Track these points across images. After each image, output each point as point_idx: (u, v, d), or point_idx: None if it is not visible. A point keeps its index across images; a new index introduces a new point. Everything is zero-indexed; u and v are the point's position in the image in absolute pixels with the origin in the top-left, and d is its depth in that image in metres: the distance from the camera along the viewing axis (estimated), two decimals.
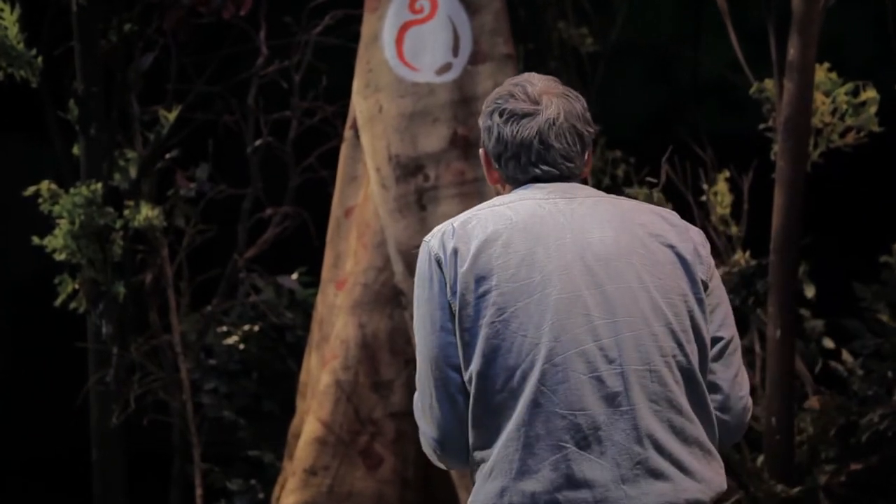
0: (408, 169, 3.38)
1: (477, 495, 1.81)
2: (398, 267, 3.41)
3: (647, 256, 1.81)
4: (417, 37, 3.39)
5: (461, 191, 3.39)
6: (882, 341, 3.76)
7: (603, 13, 4.94)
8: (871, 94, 3.46)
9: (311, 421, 3.44)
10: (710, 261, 1.87)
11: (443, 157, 3.39)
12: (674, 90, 5.32)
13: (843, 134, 3.55)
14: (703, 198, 3.93)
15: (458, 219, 1.84)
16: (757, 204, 3.89)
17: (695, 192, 3.92)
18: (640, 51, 5.21)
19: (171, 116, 3.64)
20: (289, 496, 3.46)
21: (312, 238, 3.74)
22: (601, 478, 1.76)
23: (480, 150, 1.90)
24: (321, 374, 3.42)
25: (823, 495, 3.36)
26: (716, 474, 1.83)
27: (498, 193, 1.91)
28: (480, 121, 1.89)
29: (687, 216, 3.64)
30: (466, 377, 1.81)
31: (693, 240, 1.86)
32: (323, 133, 3.92)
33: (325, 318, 3.50)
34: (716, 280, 1.87)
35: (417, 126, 3.38)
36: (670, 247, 1.83)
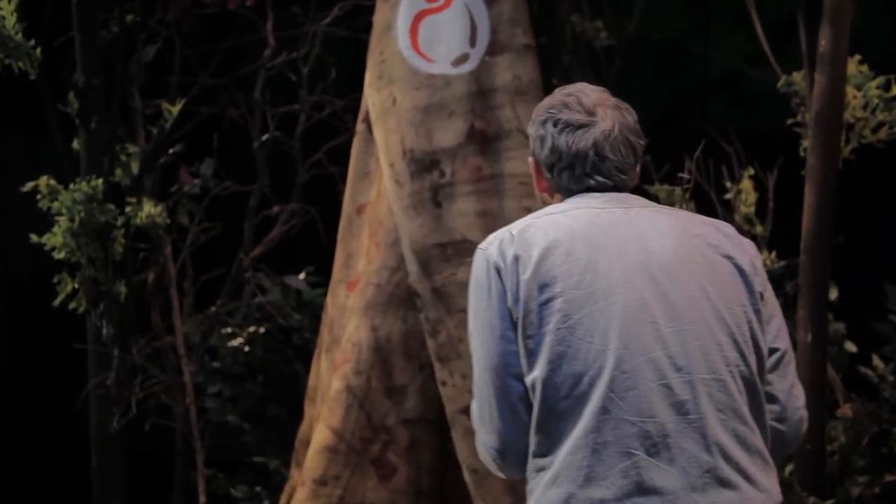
0: (423, 164, 3.28)
1: (539, 503, 1.81)
2: (413, 267, 3.31)
3: (707, 266, 1.83)
4: (433, 26, 3.29)
5: (478, 187, 3.29)
6: None
7: (618, 6, 4.88)
8: None
9: (321, 428, 3.34)
10: (764, 272, 1.89)
11: (459, 152, 3.29)
12: (691, 85, 5.28)
13: (876, 129, 3.42)
14: (727, 196, 3.80)
15: (515, 226, 1.85)
16: (782, 202, 3.78)
17: (717, 191, 3.80)
18: (656, 45, 5.15)
19: (175, 110, 3.63)
20: None
21: (321, 237, 3.71)
22: (671, 485, 1.78)
23: (530, 159, 1.91)
24: (331, 379, 3.33)
25: None
26: (774, 484, 1.86)
27: (544, 202, 1.92)
28: (531, 130, 1.90)
29: (710, 215, 3.61)
30: (529, 384, 1.82)
31: (748, 251, 1.88)
32: (332, 127, 3.90)
33: (336, 321, 3.41)
34: (769, 291, 1.89)
35: (433, 119, 3.28)
36: (728, 257, 1.85)
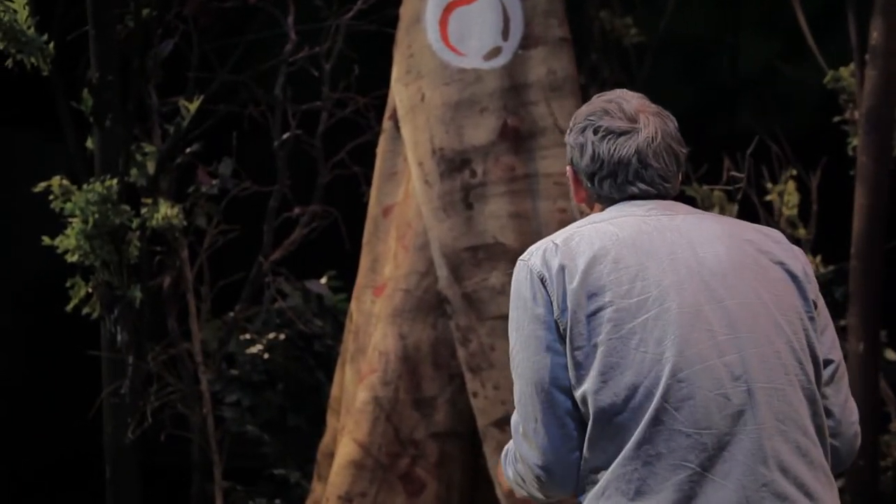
0: (453, 164, 3.18)
1: None
2: (442, 271, 3.21)
3: (761, 273, 1.80)
4: (463, 18, 3.19)
5: (511, 188, 3.18)
6: None
7: (648, 2, 4.85)
8: None
9: (347, 442, 3.22)
10: (815, 281, 1.85)
11: (491, 151, 3.18)
12: (725, 83, 5.19)
13: None
14: (768, 198, 3.68)
15: (558, 236, 1.82)
16: (826, 204, 3.67)
17: (757, 192, 3.71)
18: (687, 42, 5.09)
19: (192, 107, 3.55)
20: None
21: (344, 240, 3.67)
22: (725, 500, 1.73)
23: (568, 168, 1.88)
24: (357, 390, 3.20)
25: None
26: (836, 501, 1.81)
27: (582, 213, 1.90)
28: (570, 138, 1.87)
29: (751, 218, 3.49)
30: (578, 397, 1.77)
31: (799, 258, 1.85)
32: (355, 126, 3.86)
33: (362, 328, 3.31)
34: (821, 300, 1.86)
35: (463, 116, 3.18)
36: (780, 264, 1.82)
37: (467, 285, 3.14)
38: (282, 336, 3.99)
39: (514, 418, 1.83)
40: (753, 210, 3.66)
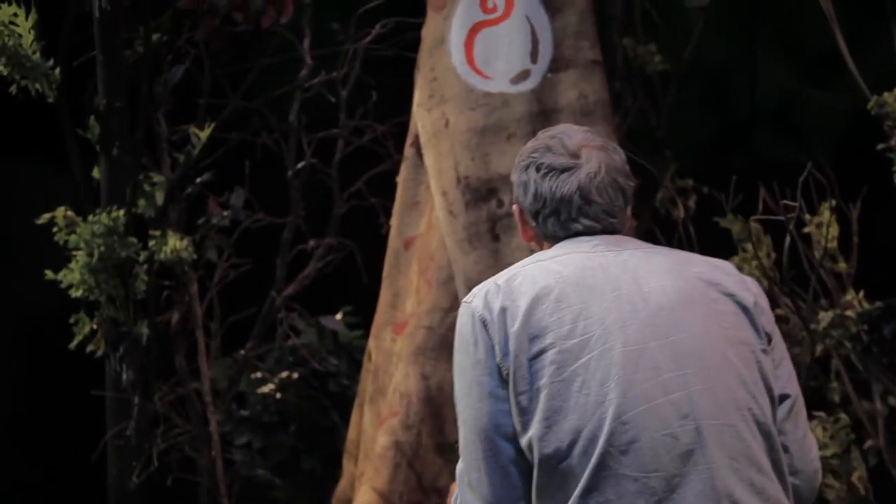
0: (479, 193, 3.09)
1: None
2: None
3: (709, 305, 1.79)
4: (490, 40, 3.10)
5: None
6: None
7: (673, 29, 4.74)
8: None
9: (366, 490, 3.10)
10: (771, 313, 1.84)
11: None
12: (754, 111, 5.05)
13: None
14: (806, 229, 3.53)
15: (501, 276, 1.82)
16: (868, 237, 3.52)
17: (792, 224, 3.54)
18: (712, 69, 4.98)
19: (203, 135, 3.50)
20: None
21: (361, 274, 3.64)
22: None
23: (514, 207, 1.90)
24: (376, 434, 3.07)
25: None
26: None
27: (531, 252, 1.89)
28: (514, 176, 1.88)
29: (790, 250, 3.35)
30: (524, 444, 1.76)
31: (752, 290, 1.83)
32: (373, 154, 3.80)
33: (381, 368, 3.21)
34: (777, 333, 1.84)
35: (490, 143, 3.09)
36: (730, 295, 1.80)
37: None
38: (295, 375, 3.90)
39: (459, 467, 1.81)
40: (792, 242, 3.48)
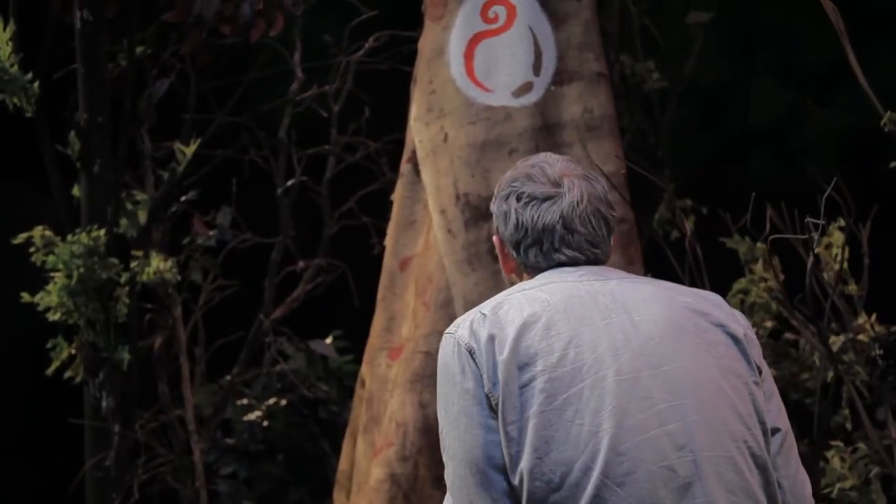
0: (479, 211, 2.98)
1: None
2: None
3: (700, 336, 1.78)
4: (491, 51, 3.01)
5: None
6: None
7: (672, 46, 4.70)
8: None
9: None
10: (759, 346, 1.83)
11: None
12: (755, 129, 4.97)
13: None
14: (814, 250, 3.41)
15: (486, 305, 1.80)
16: (879, 258, 3.42)
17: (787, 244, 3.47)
18: (712, 86, 4.94)
19: (189, 151, 3.45)
20: None
21: (352, 296, 3.59)
22: None
23: (494, 237, 1.88)
24: (371, 466, 2.97)
25: None
26: None
27: (511, 284, 1.88)
28: (494, 206, 1.87)
29: (796, 272, 3.25)
30: (515, 478, 1.73)
31: (740, 321, 1.83)
32: (366, 172, 3.75)
33: (376, 395, 3.09)
34: (765, 366, 1.83)
35: (491, 159, 2.99)
36: (720, 326, 1.80)
37: None
38: (283, 402, 3.82)
39: (446, 500, 1.77)
40: (800, 264, 3.38)
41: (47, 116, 3.49)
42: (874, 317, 3.37)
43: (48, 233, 3.39)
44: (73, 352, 3.38)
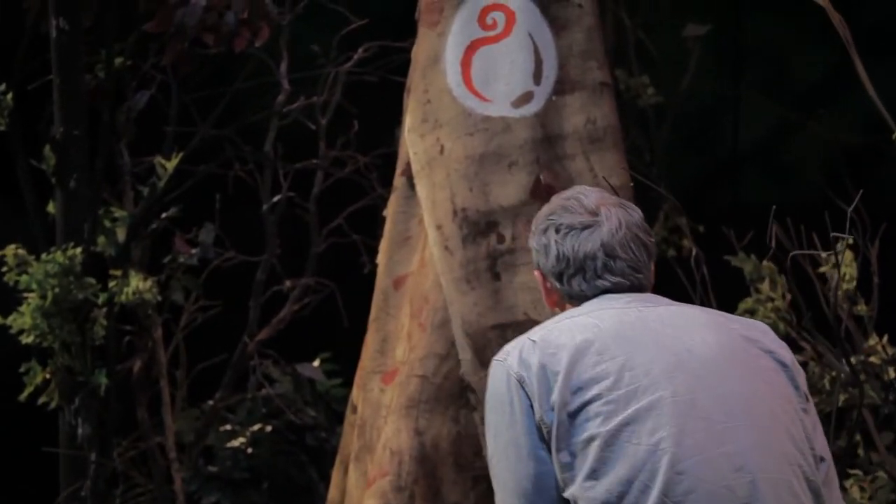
0: (478, 227, 2.89)
1: None
2: (465, 354, 2.88)
3: (751, 361, 1.83)
4: (489, 59, 2.91)
5: None
6: None
7: (669, 60, 4.70)
8: None
9: None
10: (804, 374, 1.89)
11: (522, 212, 2.88)
12: (752, 145, 4.93)
13: None
14: (822, 269, 3.38)
15: (535, 333, 1.85)
16: (889, 277, 3.35)
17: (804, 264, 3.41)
18: (708, 102, 4.93)
19: (170, 166, 3.42)
20: None
21: (341, 317, 3.56)
22: None
23: (536, 273, 1.94)
24: (363, 497, 2.92)
25: None
26: None
27: (538, 295, 1.91)
28: (532, 241, 1.93)
29: (804, 291, 3.17)
30: (569, 500, 1.76)
31: (787, 350, 1.88)
32: (355, 187, 3.72)
33: (368, 421, 2.98)
34: (810, 396, 1.89)
35: (490, 172, 2.90)
36: (770, 352, 1.85)
37: None
38: (268, 428, 3.78)
39: None
40: (809, 283, 3.30)
41: (21, 130, 3.48)
42: (885, 338, 3.31)
43: (21, 251, 3.37)
44: (48, 376, 3.36)
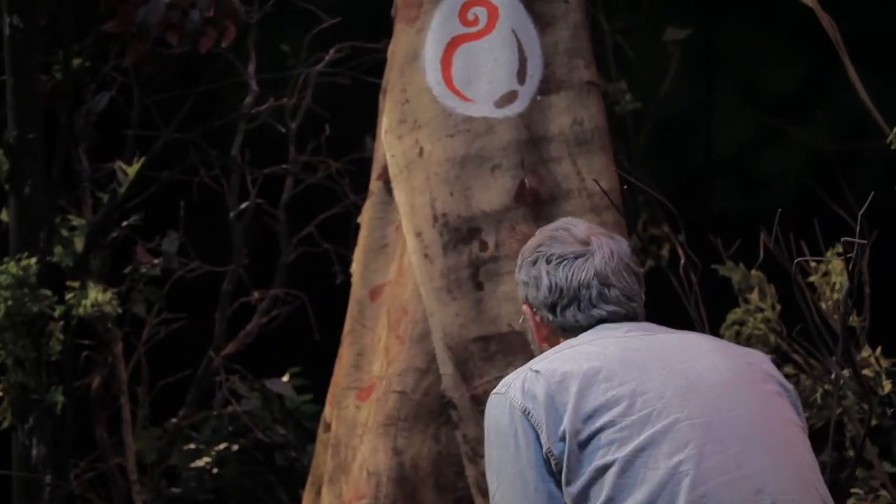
0: (459, 233, 2.80)
1: None
2: (447, 368, 2.78)
3: (758, 385, 1.86)
4: (470, 56, 2.82)
5: None
6: None
7: (648, 65, 4.66)
8: None
9: None
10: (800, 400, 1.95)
11: (505, 218, 2.80)
12: (732, 153, 4.91)
13: None
14: (811, 279, 3.35)
15: (536, 363, 1.84)
16: (882, 287, 3.30)
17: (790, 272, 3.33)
18: (688, 109, 4.90)
19: (131, 172, 3.36)
20: None
21: (312, 329, 3.51)
22: None
23: (524, 307, 1.93)
24: None
25: None
26: None
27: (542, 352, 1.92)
28: (521, 275, 1.93)
29: (792, 301, 3.10)
30: None
31: (783, 377, 1.91)
32: (327, 194, 3.64)
33: (343, 440, 2.87)
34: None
35: (472, 175, 2.81)
36: (772, 377, 1.88)
37: (478, 385, 2.75)
38: (235, 447, 3.71)
39: None
40: (804, 292, 3.23)
41: None
42: (879, 349, 3.23)
43: None
44: (0, 394, 3.29)
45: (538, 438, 1.77)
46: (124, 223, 3.45)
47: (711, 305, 3.58)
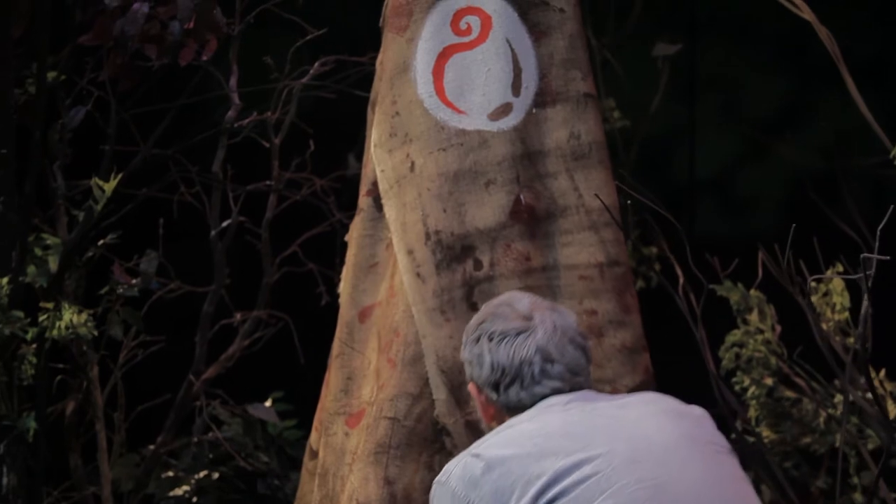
0: (453, 251, 2.71)
1: None
2: (440, 393, 2.69)
3: (706, 444, 1.87)
4: (463, 67, 2.74)
5: (527, 282, 2.70)
6: None
7: (636, 80, 4.67)
8: None
9: None
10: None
11: (501, 235, 2.72)
12: (720, 170, 4.95)
13: None
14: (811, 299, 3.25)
15: (476, 447, 1.84)
16: (883, 306, 3.23)
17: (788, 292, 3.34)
18: (678, 126, 4.92)
19: (108, 188, 3.26)
20: None
21: (296, 352, 3.52)
22: None
23: (469, 385, 1.94)
24: None
25: None
26: None
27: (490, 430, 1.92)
28: (465, 353, 1.95)
29: (792, 322, 3.03)
30: None
31: (718, 432, 1.95)
32: (312, 212, 3.62)
33: (331, 469, 2.77)
34: None
35: (465, 191, 2.73)
36: (715, 435, 1.90)
37: (472, 411, 2.63)
38: (216, 475, 3.66)
39: None
40: (799, 313, 3.17)
41: None
42: (883, 372, 3.16)
43: None
44: None
45: None
46: (101, 242, 3.38)
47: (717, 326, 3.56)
